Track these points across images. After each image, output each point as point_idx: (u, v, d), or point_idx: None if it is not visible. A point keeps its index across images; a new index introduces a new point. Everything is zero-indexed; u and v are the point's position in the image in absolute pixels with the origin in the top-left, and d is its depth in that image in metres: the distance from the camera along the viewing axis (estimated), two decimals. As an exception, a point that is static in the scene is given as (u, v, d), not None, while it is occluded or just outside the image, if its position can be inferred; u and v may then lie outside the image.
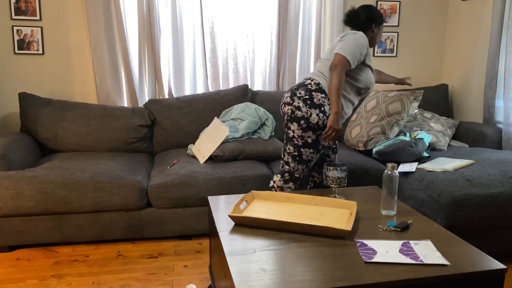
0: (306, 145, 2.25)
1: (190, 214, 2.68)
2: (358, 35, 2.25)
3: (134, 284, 2.21)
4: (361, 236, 1.65)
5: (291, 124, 2.26)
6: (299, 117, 2.23)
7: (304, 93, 2.24)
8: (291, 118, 2.25)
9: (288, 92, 2.31)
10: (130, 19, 3.33)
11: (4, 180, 2.47)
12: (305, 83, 2.29)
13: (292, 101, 2.25)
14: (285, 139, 2.33)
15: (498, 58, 3.20)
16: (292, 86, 2.42)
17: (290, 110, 2.25)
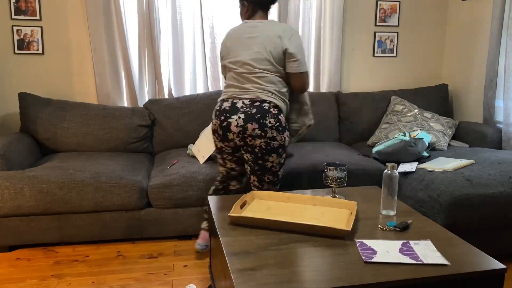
0: (282, 166, 2.29)
1: (190, 214, 2.68)
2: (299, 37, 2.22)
3: (134, 284, 2.21)
4: (361, 236, 1.65)
5: (268, 157, 2.19)
6: (276, 147, 2.18)
7: (274, 121, 2.15)
8: (267, 151, 2.17)
9: (252, 122, 2.12)
10: (130, 19, 3.33)
11: (4, 180, 2.47)
12: (266, 108, 2.14)
13: (265, 133, 2.14)
14: (260, 169, 2.22)
15: (498, 58, 3.20)
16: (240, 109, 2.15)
17: (264, 143, 2.15)
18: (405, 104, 3.54)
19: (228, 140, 2.22)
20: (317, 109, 3.51)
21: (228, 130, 2.18)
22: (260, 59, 2.19)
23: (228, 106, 2.20)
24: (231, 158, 2.32)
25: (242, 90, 2.22)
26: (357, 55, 3.82)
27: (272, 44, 2.17)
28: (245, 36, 2.24)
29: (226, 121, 2.18)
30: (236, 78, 2.24)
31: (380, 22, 3.77)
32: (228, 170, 2.38)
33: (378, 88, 3.90)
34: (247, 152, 2.22)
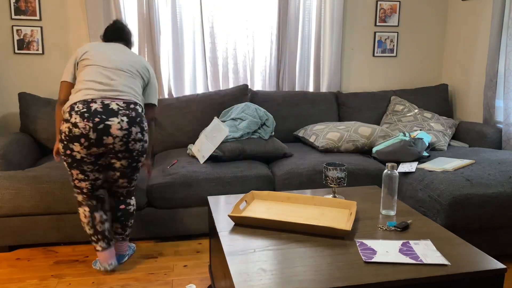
0: None
1: (190, 214, 2.68)
2: (154, 78, 2.37)
3: (134, 284, 2.21)
4: (361, 236, 1.65)
5: (141, 158, 2.22)
6: (146, 148, 2.23)
7: (144, 124, 2.16)
8: (141, 153, 2.19)
9: (135, 126, 2.10)
10: (130, 19, 3.33)
11: (4, 180, 2.47)
12: (139, 111, 2.15)
13: (143, 136, 2.16)
14: (133, 170, 2.23)
15: (498, 58, 3.20)
16: (119, 112, 2.07)
17: (141, 146, 2.17)
18: (405, 104, 3.54)
19: (103, 145, 2.06)
20: (317, 109, 3.51)
21: (107, 133, 2.04)
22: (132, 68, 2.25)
23: (99, 107, 2.05)
24: (93, 168, 2.14)
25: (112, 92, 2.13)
26: (357, 55, 3.82)
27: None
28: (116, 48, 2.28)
29: (103, 123, 2.02)
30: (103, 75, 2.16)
31: (380, 22, 3.77)
32: (93, 182, 2.18)
33: (378, 88, 3.90)
34: (123, 159, 2.13)
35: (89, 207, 2.22)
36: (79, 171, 2.13)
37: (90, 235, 2.25)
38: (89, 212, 2.21)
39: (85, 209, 2.21)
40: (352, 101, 3.59)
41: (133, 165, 2.22)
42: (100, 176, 2.21)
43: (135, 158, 2.19)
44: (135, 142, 2.13)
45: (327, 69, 3.71)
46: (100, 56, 2.19)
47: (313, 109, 3.50)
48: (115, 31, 2.36)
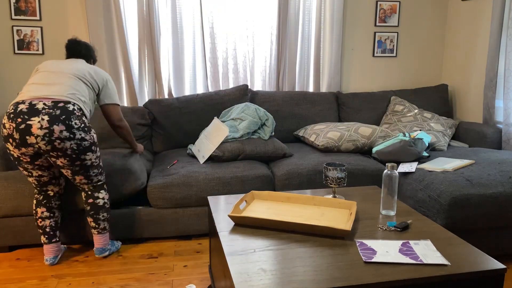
0: (100, 157, 2.35)
1: (190, 214, 2.68)
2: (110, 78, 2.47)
3: (134, 284, 2.21)
4: (361, 236, 1.65)
5: (84, 156, 2.20)
6: (88, 146, 2.21)
7: (79, 122, 2.15)
8: (80, 151, 2.17)
9: (58, 124, 2.07)
10: (130, 19, 3.33)
11: (4, 180, 2.47)
12: (70, 109, 2.13)
13: (73, 135, 2.12)
14: (82, 168, 2.23)
15: (498, 58, 3.20)
16: (41, 111, 2.08)
17: (75, 144, 2.14)
18: (405, 104, 3.54)
19: (29, 144, 2.08)
20: (317, 109, 3.51)
21: (29, 133, 2.06)
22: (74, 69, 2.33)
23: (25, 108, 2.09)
24: (32, 166, 2.20)
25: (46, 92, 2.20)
26: (357, 55, 3.82)
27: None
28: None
29: (24, 123, 2.06)
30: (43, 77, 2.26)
31: (380, 22, 3.78)
32: (38, 178, 2.27)
33: (378, 88, 3.90)
34: (59, 157, 2.14)
35: (36, 200, 2.36)
36: (22, 168, 2.23)
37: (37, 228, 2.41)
38: (34, 205, 2.36)
39: (34, 202, 2.37)
40: (352, 101, 3.59)
41: (77, 163, 2.20)
42: (45, 173, 2.27)
43: (73, 157, 2.16)
44: (61, 141, 2.09)
45: (327, 69, 3.71)
46: (48, 65, 2.33)
47: (313, 109, 3.50)
48: (69, 49, 2.47)
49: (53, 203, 2.37)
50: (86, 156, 2.22)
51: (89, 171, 2.28)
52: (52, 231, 2.37)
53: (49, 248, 2.38)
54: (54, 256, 2.39)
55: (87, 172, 2.28)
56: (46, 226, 2.35)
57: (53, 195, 2.37)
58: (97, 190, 2.37)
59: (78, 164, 2.21)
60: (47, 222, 2.35)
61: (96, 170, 2.32)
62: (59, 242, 2.42)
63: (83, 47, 2.50)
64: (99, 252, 2.43)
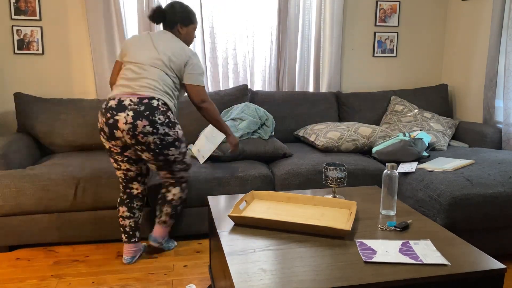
0: (185, 154, 2.36)
1: (190, 214, 2.68)
2: (197, 57, 2.34)
3: (134, 284, 2.21)
4: (361, 236, 1.65)
5: (167, 151, 2.23)
6: (171, 141, 2.23)
7: (163, 117, 2.18)
8: (163, 146, 2.20)
9: (141, 119, 2.13)
10: (130, 19, 3.33)
11: (5, 178, 2.47)
12: (154, 105, 2.17)
13: (156, 130, 2.16)
14: (165, 163, 2.26)
15: (498, 58, 3.20)
16: (127, 107, 2.15)
17: (158, 139, 2.17)
18: (405, 104, 3.54)
19: (116, 138, 2.19)
20: (317, 109, 3.51)
21: (116, 127, 2.16)
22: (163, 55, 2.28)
23: (114, 104, 2.18)
24: (122, 158, 2.29)
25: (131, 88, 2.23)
26: (357, 55, 3.82)
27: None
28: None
29: (112, 118, 2.16)
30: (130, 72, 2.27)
31: (380, 22, 3.78)
32: (125, 172, 2.35)
33: (378, 88, 3.91)
34: (143, 151, 2.21)
35: (119, 199, 2.42)
36: (113, 160, 2.34)
37: None
38: (118, 203, 2.43)
39: (118, 200, 2.44)
40: (352, 101, 3.59)
41: (160, 158, 2.24)
42: (132, 168, 2.34)
43: (156, 151, 2.21)
44: (144, 135, 2.15)
45: (327, 69, 3.71)
46: (131, 52, 2.30)
47: (313, 109, 3.50)
48: (152, 17, 2.34)
49: (134, 203, 2.40)
50: (169, 152, 2.24)
51: (172, 166, 2.31)
52: (132, 231, 2.40)
53: (127, 248, 2.42)
54: (132, 256, 2.43)
55: (170, 167, 2.30)
56: (126, 225, 2.39)
57: (135, 195, 2.41)
58: (174, 185, 2.39)
59: (161, 159, 2.24)
60: (126, 222, 2.39)
61: (179, 166, 2.33)
62: (138, 242, 2.44)
63: (168, 14, 2.34)
64: (151, 239, 2.44)
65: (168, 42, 2.30)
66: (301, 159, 2.85)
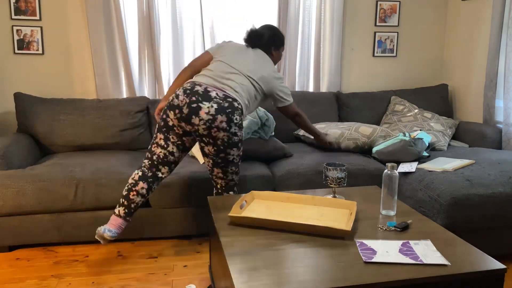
0: (241, 158, 2.39)
1: (190, 214, 2.68)
2: (282, 80, 2.49)
3: (134, 284, 2.21)
4: (361, 236, 1.65)
5: (230, 150, 2.24)
6: (236, 142, 2.25)
7: (239, 118, 2.23)
8: (229, 145, 2.22)
9: (222, 115, 2.16)
10: (130, 19, 3.33)
11: (5, 178, 2.47)
12: (236, 106, 2.22)
13: (229, 128, 2.19)
14: (223, 162, 2.27)
15: (498, 58, 3.20)
16: (213, 99, 2.18)
17: (227, 137, 2.20)
18: (405, 104, 3.54)
19: (191, 123, 2.17)
20: (317, 109, 3.51)
21: (196, 113, 2.16)
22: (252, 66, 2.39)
23: (201, 90, 2.21)
24: (176, 139, 2.28)
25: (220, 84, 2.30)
26: (357, 55, 3.82)
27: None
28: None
29: (196, 103, 2.16)
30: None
31: (380, 22, 3.78)
32: (167, 153, 2.30)
33: (378, 88, 3.90)
34: (208, 144, 2.22)
35: (142, 173, 2.32)
36: (163, 137, 2.29)
37: (121, 197, 2.32)
38: (138, 177, 2.31)
39: (138, 173, 2.33)
40: (352, 101, 3.59)
41: (221, 155, 2.24)
42: (176, 154, 2.33)
43: (220, 148, 2.22)
44: (218, 130, 2.16)
45: (327, 69, 3.71)
46: (229, 55, 2.40)
47: (313, 109, 3.50)
48: (252, 39, 2.50)
49: (154, 185, 2.36)
50: (232, 151, 2.25)
51: (228, 166, 2.30)
52: (134, 210, 2.32)
53: (118, 222, 2.28)
54: (117, 231, 2.28)
55: (226, 167, 2.30)
56: (135, 201, 2.29)
57: (160, 177, 2.36)
58: (227, 190, 2.39)
59: (222, 156, 2.25)
60: (138, 199, 2.30)
61: (234, 168, 2.33)
62: (128, 222, 2.34)
63: (266, 39, 2.51)
64: None
65: (265, 63, 2.44)
66: (301, 159, 2.85)
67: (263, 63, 2.43)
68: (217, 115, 2.15)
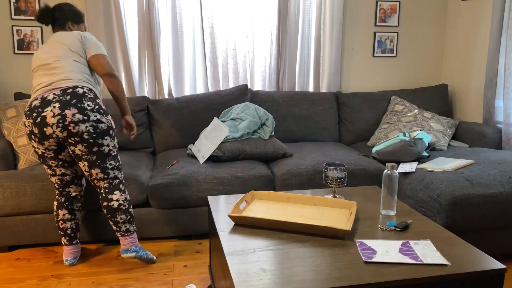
0: (118, 150, 2.29)
1: (190, 214, 2.68)
2: (90, 34, 2.31)
3: (134, 284, 2.21)
4: (361, 236, 1.65)
5: (102, 140, 2.14)
6: (105, 129, 2.15)
7: (92, 104, 2.12)
8: (98, 135, 2.12)
9: (70, 108, 2.06)
10: (130, 19, 3.33)
11: (5, 179, 2.47)
12: (80, 93, 2.12)
13: (88, 117, 2.09)
14: (99, 157, 2.17)
15: (498, 58, 3.20)
16: (52, 100, 2.09)
17: (91, 127, 2.09)
18: (405, 104, 3.54)
19: (48, 136, 2.10)
20: (317, 109, 3.51)
21: (45, 124, 2.08)
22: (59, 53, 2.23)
23: (38, 102, 2.12)
24: (56, 162, 2.24)
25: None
26: (357, 55, 3.82)
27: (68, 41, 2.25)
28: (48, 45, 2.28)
29: (39, 116, 2.08)
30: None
31: (380, 22, 3.77)
32: (61, 177, 2.29)
33: (378, 88, 3.90)
34: (77, 144, 2.12)
35: (57, 202, 2.37)
36: (47, 166, 2.27)
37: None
38: (56, 207, 2.37)
39: (55, 203, 2.38)
40: (352, 101, 3.59)
41: (94, 149, 2.14)
42: (67, 172, 2.30)
43: (90, 142, 2.12)
44: (76, 124, 2.07)
45: (327, 69, 3.71)
46: (37, 59, 2.25)
47: (313, 109, 3.50)
48: (42, 19, 2.34)
49: (74, 205, 2.38)
50: (104, 141, 2.16)
51: (105, 162, 2.20)
52: (73, 233, 2.39)
53: (69, 250, 2.40)
54: (74, 257, 2.42)
55: (103, 162, 2.19)
56: (67, 228, 2.37)
57: (74, 197, 2.37)
58: (111, 191, 2.26)
59: (95, 150, 2.15)
60: (68, 224, 2.37)
61: (113, 162, 2.24)
62: (79, 243, 2.44)
63: (57, 13, 2.34)
64: (124, 252, 2.32)
65: (62, 35, 2.27)
66: (301, 159, 2.85)
67: (62, 37, 2.26)
68: (64, 112, 2.06)
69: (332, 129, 3.53)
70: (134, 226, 2.34)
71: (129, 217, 2.29)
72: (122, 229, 2.29)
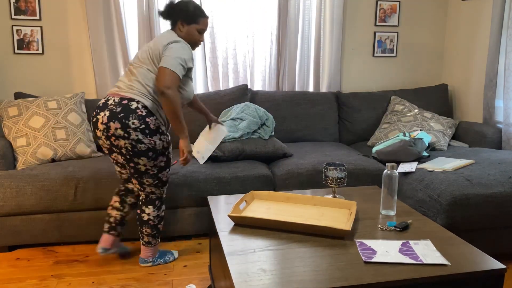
0: (162, 169, 2.22)
1: (190, 214, 2.68)
2: (182, 44, 2.13)
3: (134, 284, 2.21)
4: (361, 236, 1.65)
5: (138, 160, 2.11)
6: (144, 150, 2.09)
7: (138, 122, 2.06)
8: (134, 154, 2.09)
9: (114, 121, 2.03)
10: (130, 19, 3.33)
11: (5, 179, 2.47)
12: (132, 108, 2.06)
13: (128, 135, 2.05)
14: (135, 172, 2.16)
15: (498, 58, 3.20)
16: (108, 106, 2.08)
17: (130, 145, 2.07)
18: (405, 104, 3.54)
19: (98, 137, 2.16)
20: (317, 109, 3.51)
21: (96, 126, 2.12)
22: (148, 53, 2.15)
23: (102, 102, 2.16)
24: (112, 160, 2.29)
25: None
26: (357, 55, 3.82)
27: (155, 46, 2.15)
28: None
29: (95, 117, 2.14)
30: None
31: (380, 22, 3.77)
32: (119, 173, 2.36)
33: (378, 88, 3.90)
34: (118, 154, 2.15)
35: (117, 188, 2.41)
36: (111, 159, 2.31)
37: None
38: (114, 193, 2.40)
39: (115, 189, 2.44)
40: (352, 101, 3.59)
41: (131, 164, 2.15)
42: (122, 171, 2.34)
43: (127, 157, 2.12)
44: (116, 138, 2.07)
45: (327, 69, 3.71)
46: (136, 53, 2.27)
47: (313, 109, 3.50)
48: (162, 14, 2.26)
49: (128, 198, 2.37)
50: (140, 161, 2.12)
51: (142, 178, 2.18)
52: (115, 224, 2.35)
53: (105, 237, 2.36)
54: (106, 247, 2.34)
55: (140, 178, 2.19)
56: (112, 215, 2.36)
57: (132, 190, 2.37)
58: (146, 204, 2.26)
59: (132, 166, 2.15)
60: (113, 213, 2.36)
61: (150, 180, 2.20)
62: (117, 237, 2.38)
63: (170, 12, 2.22)
64: (141, 261, 2.38)
65: (158, 37, 2.18)
66: (301, 159, 2.85)
67: (160, 37, 2.18)
68: (109, 123, 2.06)
69: (332, 129, 3.53)
70: (158, 240, 2.37)
71: (154, 232, 2.32)
72: (145, 239, 2.34)
